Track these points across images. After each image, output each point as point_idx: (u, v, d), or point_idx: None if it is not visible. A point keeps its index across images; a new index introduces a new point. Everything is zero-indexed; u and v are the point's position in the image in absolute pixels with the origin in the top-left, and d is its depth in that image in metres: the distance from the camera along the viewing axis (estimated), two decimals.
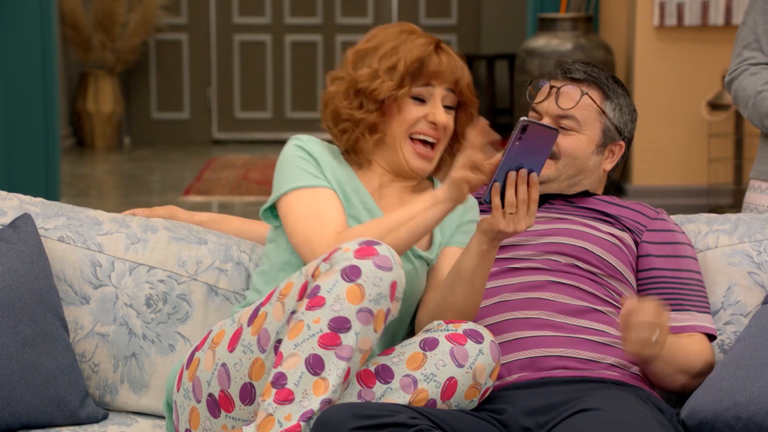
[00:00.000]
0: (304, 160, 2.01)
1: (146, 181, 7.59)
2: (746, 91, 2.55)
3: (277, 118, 9.41)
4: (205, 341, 1.91)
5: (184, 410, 1.91)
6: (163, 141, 9.29)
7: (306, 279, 1.82)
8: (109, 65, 8.83)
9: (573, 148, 2.21)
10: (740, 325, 2.20)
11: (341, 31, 9.39)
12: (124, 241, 2.23)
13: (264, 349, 1.82)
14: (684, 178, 6.08)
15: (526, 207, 1.88)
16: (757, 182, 2.61)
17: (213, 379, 1.86)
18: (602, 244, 2.15)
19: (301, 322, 1.78)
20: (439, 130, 2.04)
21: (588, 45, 6.14)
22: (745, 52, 2.57)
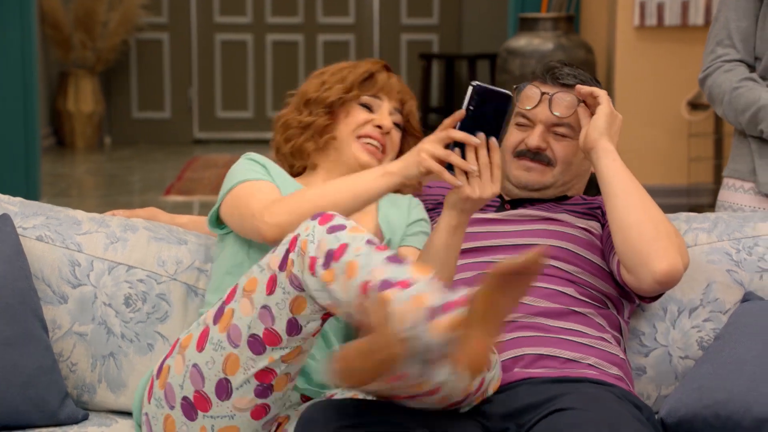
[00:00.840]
0: (249, 167, 2.07)
1: (127, 181, 7.56)
2: (721, 88, 2.57)
3: (258, 118, 9.40)
4: (173, 349, 1.93)
5: (158, 420, 1.91)
6: (144, 141, 9.26)
7: (272, 272, 1.83)
8: (89, 64, 8.79)
9: (568, 155, 2.22)
10: (719, 323, 2.21)
11: (323, 31, 9.39)
12: (103, 240, 2.23)
13: (236, 344, 1.84)
14: (664, 178, 6.11)
15: (489, 171, 1.90)
16: (731, 180, 2.63)
17: (186, 382, 1.87)
18: (578, 241, 2.16)
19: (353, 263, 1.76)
20: (385, 136, 2.11)
21: (569, 45, 6.15)
22: (719, 49, 2.59)
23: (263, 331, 1.83)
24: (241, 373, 1.84)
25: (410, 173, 1.89)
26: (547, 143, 2.22)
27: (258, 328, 1.83)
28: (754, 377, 1.95)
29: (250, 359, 1.83)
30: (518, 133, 2.25)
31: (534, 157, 2.22)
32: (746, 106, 2.52)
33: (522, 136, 2.24)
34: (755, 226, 2.29)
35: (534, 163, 2.22)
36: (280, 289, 1.82)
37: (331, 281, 1.76)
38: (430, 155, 1.87)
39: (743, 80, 2.54)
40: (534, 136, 2.22)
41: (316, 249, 1.78)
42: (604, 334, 2.09)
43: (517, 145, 2.24)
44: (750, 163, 2.58)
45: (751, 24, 2.56)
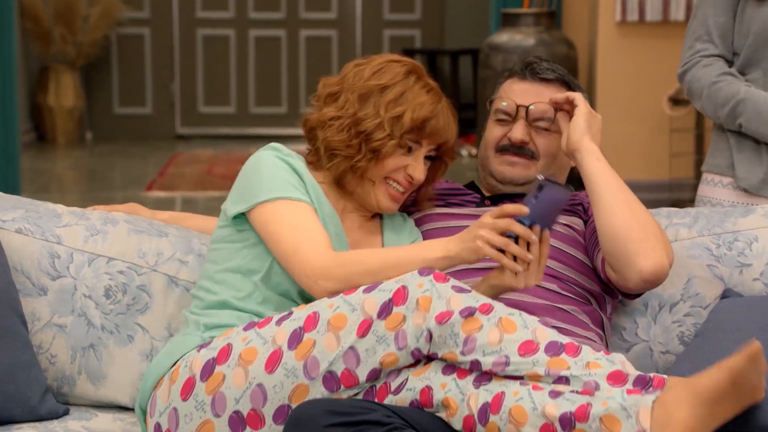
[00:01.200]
0: (287, 172, 2.02)
1: (108, 176, 7.54)
2: (700, 83, 2.58)
3: (241, 113, 9.38)
4: (228, 355, 1.88)
5: (192, 420, 1.88)
6: (125, 136, 9.23)
7: (367, 316, 1.82)
8: (69, 59, 8.75)
9: (552, 148, 2.23)
10: (700, 318, 2.22)
11: (305, 26, 9.37)
12: (83, 233, 2.22)
13: (312, 376, 1.82)
14: (645, 173, 6.13)
15: (537, 263, 1.89)
16: (710, 175, 2.64)
17: (244, 397, 1.85)
18: (563, 237, 2.16)
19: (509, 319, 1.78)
20: (414, 183, 2.09)
21: (551, 40, 6.16)
22: (697, 44, 2.60)
23: (342, 371, 1.82)
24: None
25: (468, 259, 1.88)
26: (530, 137, 2.22)
27: (338, 367, 1.82)
28: None
29: (320, 394, 1.82)
30: (499, 128, 2.26)
31: (518, 152, 2.23)
32: (725, 101, 2.53)
33: (503, 130, 2.25)
34: (735, 221, 2.30)
35: (518, 158, 2.23)
36: (373, 336, 1.81)
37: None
38: (487, 242, 1.85)
39: (722, 75, 2.55)
40: (517, 130, 2.22)
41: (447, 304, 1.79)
42: (588, 332, 2.10)
43: (499, 140, 2.25)
44: (729, 158, 2.59)
45: (729, 19, 2.57)
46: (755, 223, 2.29)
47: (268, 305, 2.00)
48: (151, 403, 1.95)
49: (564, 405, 1.70)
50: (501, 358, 1.76)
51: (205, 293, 2.05)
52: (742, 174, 2.55)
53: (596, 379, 1.73)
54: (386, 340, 1.81)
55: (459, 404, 1.77)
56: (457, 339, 1.78)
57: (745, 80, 2.56)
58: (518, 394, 1.73)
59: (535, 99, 2.23)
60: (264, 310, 2.00)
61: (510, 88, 2.27)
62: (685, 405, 1.67)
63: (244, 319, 1.99)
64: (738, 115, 2.52)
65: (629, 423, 1.67)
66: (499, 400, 1.74)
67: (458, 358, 1.78)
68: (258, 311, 2.00)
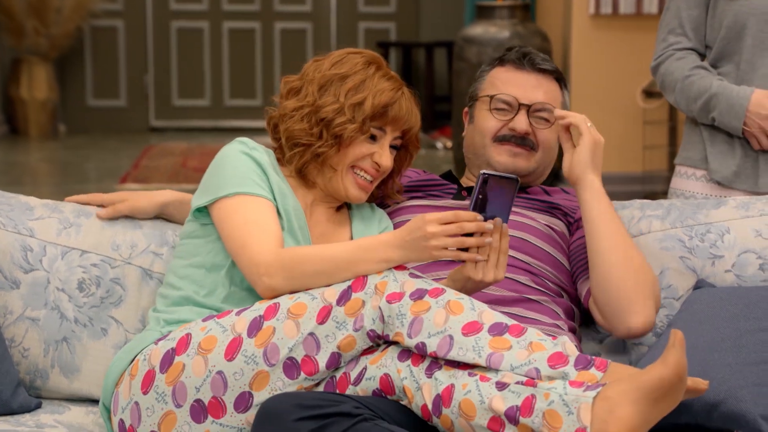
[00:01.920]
0: (250, 167, 2.02)
1: (82, 169, 7.49)
2: (673, 76, 2.59)
3: (215, 106, 9.35)
4: (187, 345, 1.89)
5: (154, 413, 1.88)
6: (99, 128, 9.18)
7: (326, 303, 1.83)
8: (42, 51, 8.69)
9: (550, 140, 2.24)
10: (672, 309, 2.23)
11: (279, 18, 9.34)
12: (56, 225, 2.21)
13: (272, 363, 1.83)
14: (619, 165, 6.15)
15: (497, 257, 1.89)
16: (683, 168, 2.65)
17: (205, 386, 1.85)
18: (539, 234, 2.17)
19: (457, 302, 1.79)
20: (381, 171, 2.09)
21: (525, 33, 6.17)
22: (670, 38, 2.61)
23: (303, 357, 1.83)
24: (267, 391, 1.84)
25: (419, 261, 1.88)
26: (532, 129, 2.23)
27: (298, 353, 1.83)
28: (705, 363, 1.97)
29: (280, 381, 1.83)
30: (497, 117, 2.24)
31: (520, 143, 2.22)
32: (698, 94, 2.55)
33: (502, 120, 2.24)
34: (708, 213, 2.31)
35: (520, 149, 2.22)
36: (333, 323, 1.83)
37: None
38: (443, 247, 1.84)
39: (695, 68, 2.57)
40: (521, 121, 2.22)
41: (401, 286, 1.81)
42: (558, 321, 2.10)
43: (498, 129, 2.23)
44: (702, 151, 2.60)
45: (701, 12, 2.58)
46: (727, 215, 2.30)
47: (231, 302, 2.00)
48: (114, 400, 1.95)
49: (510, 398, 1.71)
50: (445, 338, 1.77)
51: (170, 290, 2.05)
52: (715, 167, 2.57)
53: (537, 366, 1.73)
54: (345, 325, 1.83)
55: (414, 393, 1.79)
56: (404, 320, 1.80)
57: (718, 73, 2.57)
58: (466, 387, 1.74)
59: (534, 90, 2.23)
60: (226, 307, 2.00)
61: (506, 77, 2.26)
62: (628, 401, 1.67)
63: (205, 315, 1.99)
64: (711, 109, 2.53)
65: (570, 419, 1.67)
66: (450, 393, 1.75)
67: (405, 340, 1.80)
68: (220, 308, 2.00)
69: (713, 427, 1.94)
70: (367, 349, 1.87)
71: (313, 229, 2.09)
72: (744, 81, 2.53)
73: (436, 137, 8.22)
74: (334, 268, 1.88)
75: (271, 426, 1.74)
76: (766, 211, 2.29)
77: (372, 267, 1.87)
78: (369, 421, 1.74)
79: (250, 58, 9.31)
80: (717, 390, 1.92)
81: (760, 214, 2.29)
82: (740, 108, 2.48)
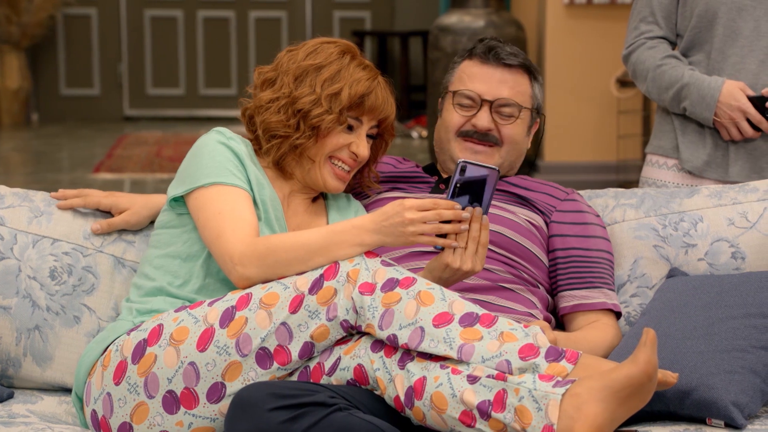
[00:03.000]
0: (227, 157, 2.01)
1: (55, 158, 7.45)
2: (645, 65, 2.59)
3: (189, 95, 9.30)
4: (159, 335, 1.88)
5: (126, 404, 1.88)
6: (72, 118, 9.12)
7: (298, 293, 1.83)
8: (14, 40, 8.62)
9: (515, 135, 2.23)
10: (646, 298, 2.24)
11: (254, 7, 9.31)
12: (26, 214, 2.19)
13: (244, 353, 1.82)
14: (594, 155, 6.17)
15: (476, 246, 1.89)
16: (654, 157, 2.66)
17: (177, 377, 1.84)
18: (518, 228, 2.17)
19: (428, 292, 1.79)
20: (358, 161, 2.09)
21: (499, 22, 6.18)
22: (642, 26, 2.61)
23: (275, 347, 1.83)
24: (239, 382, 1.83)
25: (394, 245, 1.88)
26: (494, 124, 2.22)
27: (271, 343, 1.82)
28: (678, 350, 1.98)
29: (253, 371, 1.83)
30: (460, 112, 2.24)
31: (482, 139, 2.22)
32: (670, 84, 2.55)
33: (466, 115, 2.23)
34: (681, 201, 2.32)
35: (482, 146, 2.22)
36: (305, 312, 1.82)
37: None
38: (420, 233, 1.85)
39: (666, 58, 2.57)
40: (482, 118, 2.21)
41: (372, 276, 1.80)
42: (533, 310, 2.11)
43: (461, 125, 2.23)
44: (673, 140, 2.61)
45: (672, 1, 2.59)
46: (700, 203, 2.31)
47: (206, 292, 2.00)
48: (86, 391, 1.94)
49: (481, 392, 1.72)
50: (416, 330, 1.77)
51: (143, 280, 2.04)
52: (687, 156, 2.58)
53: (508, 358, 1.73)
54: (318, 314, 1.82)
55: (387, 384, 1.79)
56: (375, 312, 1.80)
57: (689, 62, 2.58)
58: (438, 380, 1.75)
59: (498, 85, 2.22)
60: (200, 298, 1.99)
61: (471, 71, 2.25)
62: (596, 398, 1.67)
63: (178, 305, 1.98)
64: (682, 99, 2.54)
65: (539, 415, 1.68)
66: (422, 385, 1.76)
67: (377, 332, 1.80)
68: (194, 299, 1.99)
69: (685, 414, 1.95)
70: (341, 339, 1.86)
71: (290, 220, 2.08)
72: (715, 70, 2.54)
73: (411, 126, 8.21)
74: (308, 254, 1.87)
75: (246, 415, 1.74)
76: (738, 200, 2.30)
77: (347, 251, 1.87)
78: (344, 411, 1.74)
79: (224, 47, 9.27)
80: (689, 378, 1.93)
81: (732, 202, 2.30)
82: (711, 99, 2.49)
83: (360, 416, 1.75)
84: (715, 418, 1.91)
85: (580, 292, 2.16)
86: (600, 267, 2.20)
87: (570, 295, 2.17)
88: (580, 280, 2.17)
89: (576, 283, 2.17)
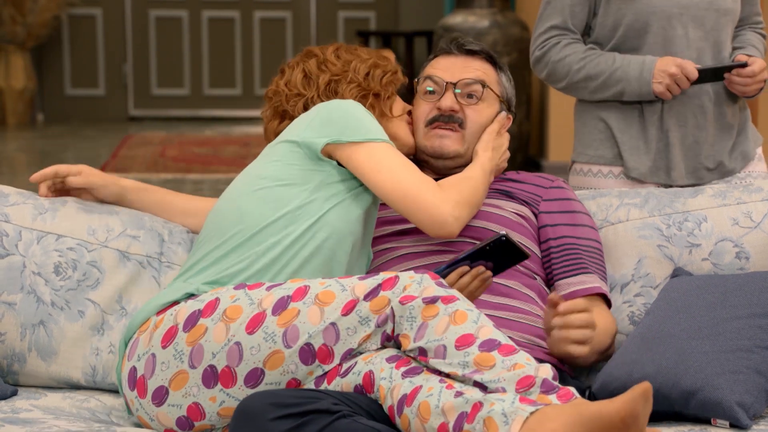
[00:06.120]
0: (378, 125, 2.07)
1: (60, 158, 7.46)
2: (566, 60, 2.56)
3: (194, 95, 9.31)
4: (214, 310, 1.89)
5: (168, 368, 1.89)
6: (77, 118, 9.13)
7: (354, 297, 1.83)
8: (19, 40, 8.64)
9: (480, 116, 2.24)
10: (650, 297, 2.24)
11: (258, 7, 9.32)
12: (31, 211, 2.20)
13: (290, 345, 1.83)
14: None
15: (467, 296, 1.96)
16: (595, 167, 2.60)
17: (221, 353, 1.85)
18: (505, 222, 2.17)
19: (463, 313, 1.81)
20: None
21: (504, 22, 6.18)
22: (553, 31, 2.59)
23: (321, 346, 1.83)
24: (279, 373, 1.84)
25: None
26: (459, 106, 2.23)
27: (317, 341, 1.83)
28: (682, 351, 1.98)
29: (294, 364, 1.83)
30: (427, 102, 2.26)
31: (447, 121, 2.22)
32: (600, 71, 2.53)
33: (431, 101, 2.25)
34: (685, 201, 2.32)
35: (447, 130, 2.22)
36: (356, 316, 1.83)
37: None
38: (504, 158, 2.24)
39: (589, 50, 2.57)
40: (446, 99, 2.23)
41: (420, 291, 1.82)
42: (533, 306, 2.11)
43: (428, 112, 2.25)
44: (613, 148, 2.58)
45: (585, 12, 2.59)
46: (704, 203, 2.31)
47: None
48: (132, 345, 1.95)
49: (460, 405, 1.72)
50: (440, 347, 1.78)
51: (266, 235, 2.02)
52: (632, 164, 2.55)
53: (504, 386, 1.73)
54: (368, 322, 1.83)
55: (386, 394, 1.79)
56: (413, 323, 1.80)
57: None
58: (431, 390, 1.75)
59: (462, 69, 2.25)
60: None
61: (436, 64, 2.29)
62: (562, 421, 1.66)
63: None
64: (615, 82, 2.52)
65: (504, 428, 1.68)
66: (415, 393, 1.76)
67: (410, 344, 1.80)
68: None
69: (690, 414, 1.95)
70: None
71: None
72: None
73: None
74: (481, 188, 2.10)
75: (248, 426, 1.73)
76: (743, 200, 2.30)
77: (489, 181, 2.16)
78: (348, 418, 1.73)
79: (229, 47, 9.28)
80: (694, 378, 1.93)
81: (737, 202, 2.30)
82: (648, 73, 2.49)
83: (364, 422, 1.74)
84: (720, 418, 1.91)
85: (575, 278, 2.17)
86: (591, 254, 2.21)
87: (566, 283, 2.17)
88: (575, 266, 2.18)
89: (571, 270, 2.18)
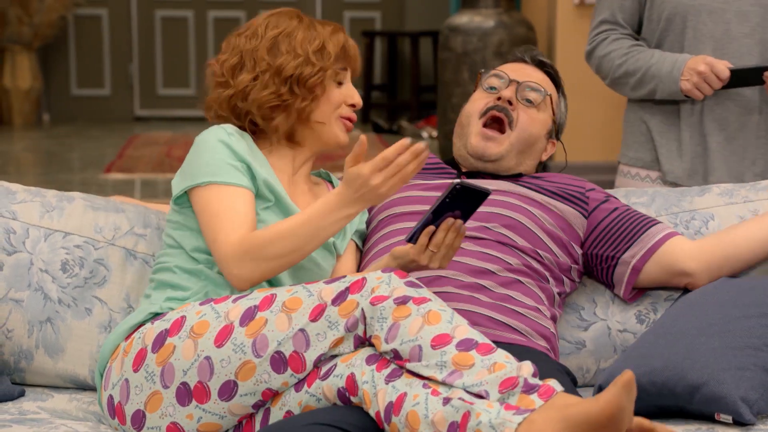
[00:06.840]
0: (227, 153, 2.01)
1: (66, 158, 7.47)
2: (611, 55, 2.61)
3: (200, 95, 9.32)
4: (180, 327, 1.89)
5: (142, 391, 1.89)
6: (83, 118, 9.15)
7: (322, 302, 1.82)
8: (26, 40, 8.65)
9: (531, 122, 2.23)
10: (657, 297, 2.24)
11: (264, 7, 9.32)
12: (38, 209, 2.21)
13: (260, 354, 1.82)
14: (603, 155, 6.16)
15: (446, 251, 1.92)
16: (633, 169, 2.63)
17: (192, 369, 1.85)
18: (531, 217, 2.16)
19: (437, 313, 1.79)
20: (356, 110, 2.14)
21: (510, 22, 6.18)
22: (604, 26, 2.63)
23: (291, 353, 1.82)
24: (252, 383, 1.83)
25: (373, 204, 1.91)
26: (516, 103, 2.23)
27: (287, 348, 1.82)
28: (691, 347, 1.98)
29: (266, 374, 1.82)
30: (487, 95, 2.26)
31: (500, 111, 2.21)
32: (637, 68, 2.56)
33: (491, 97, 2.25)
34: (692, 200, 2.32)
35: (494, 131, 2.21)
36: (325, 321, 1.81)
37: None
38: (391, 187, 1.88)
39: (633, 46, 2.59)
40: (508, 90, 2.23)
41: (390, 291, 1.80)
42: (540, 305, 2.11)
43: (485, 104, 2.24)
44: (651, 151, 2.60)
45: (636, 5, 2.60)
46: (711, 201, 2.31)
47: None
48: (107, 374, 1.95)
49: (450, 415, 1.70)
50: (415, 348, 1.76)
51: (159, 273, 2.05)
52: (668, 168, 2.56)
53: (487, 389, 1.72)
54: (337, 326, 1.81)
55: (371, 399, 1.78)
56: (384, 324, 1.79)
57: None
58: (417, 398, 1.74)
59: (530, 73, 2.26)
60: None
61: (506, 66, 2.30)
62: (551, 429, 1.65)
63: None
64: (648, 80, 2.54)
65: None
66: (401, 402, 1.75)
67: (382, 345, 1.79)
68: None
69: (695, 409, 1.95)
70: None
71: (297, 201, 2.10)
72: None
73: (422, 126, 8.21)
74: (300, 243, 1.90)
75: None
76: (750, 198, 2.30)
77: (336, 228, 1.91)
78: None
79: None
80: (700, 372, 1.93)
81: (744, 201, 2.30)
82: (677, 71, 2.50)
83: None
84: (724, 413, 1.91)
85: (643, 236, 2.17)
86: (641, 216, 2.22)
87: (638, 245, 2.17)
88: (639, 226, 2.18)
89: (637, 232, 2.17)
